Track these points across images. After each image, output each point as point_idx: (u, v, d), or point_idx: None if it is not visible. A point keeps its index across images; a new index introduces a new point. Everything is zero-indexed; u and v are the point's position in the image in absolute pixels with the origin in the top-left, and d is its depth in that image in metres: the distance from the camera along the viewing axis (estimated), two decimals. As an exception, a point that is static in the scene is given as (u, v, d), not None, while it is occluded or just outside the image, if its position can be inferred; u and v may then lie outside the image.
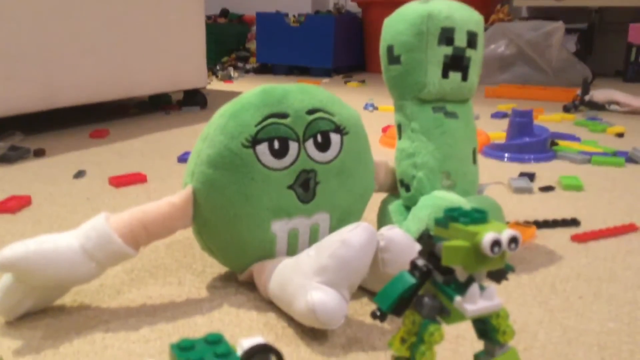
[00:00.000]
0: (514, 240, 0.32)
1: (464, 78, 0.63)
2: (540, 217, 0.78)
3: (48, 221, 0.77)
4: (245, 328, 0.51)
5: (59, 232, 0.51)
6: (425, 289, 0.36)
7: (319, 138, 0.55)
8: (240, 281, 0.58)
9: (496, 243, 0.32)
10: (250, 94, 0.55)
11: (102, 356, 0.46)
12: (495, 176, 1.01)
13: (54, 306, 0.54)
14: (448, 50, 0.62)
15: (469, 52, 0.63)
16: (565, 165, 1.09)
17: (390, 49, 0.64)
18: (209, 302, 0.55)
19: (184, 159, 1.10)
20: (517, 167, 1.07)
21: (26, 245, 0.48)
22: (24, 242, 0.48)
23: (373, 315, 0.36)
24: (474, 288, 0.34)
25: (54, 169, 1.05)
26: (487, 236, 0.32)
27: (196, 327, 0.51)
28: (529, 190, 0.92)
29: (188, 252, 0.67)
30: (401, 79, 0.63)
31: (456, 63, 0.63)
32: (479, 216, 0.34)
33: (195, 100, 1.77)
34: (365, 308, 0.54)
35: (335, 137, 0.56)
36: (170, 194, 0.55)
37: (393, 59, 0.63)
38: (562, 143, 1.22)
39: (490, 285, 0.35)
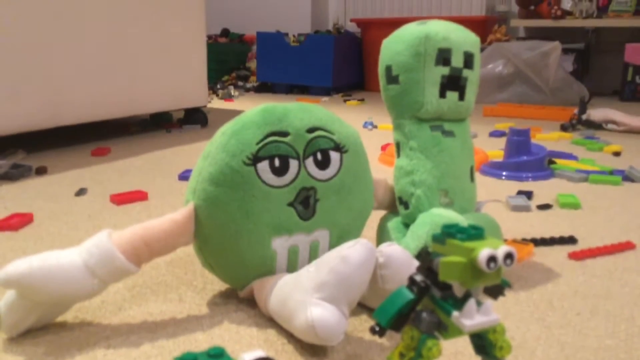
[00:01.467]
0: (509, 256, 0.33)
1: (461, 97, 0.64)
2: (538, 235, 0.79)
3: (50, 238, 0.78)
4: (245, 344, 0.51)
5: (61, 249, 0.51)
6: (423, 305, 0.37)
7: (319, 156, 0.56)
8: (241, 298, 0.59)
9: (492, 259, 0.32)
10: (251, 112, 0.57)
11: (103, 372, 0.47)
12: (493, 194, 1.01)
13: (55, 323, 0.54)
14: (445, 70, 0.63)
15: (466, 72, 0.64)
16: (562, 184, 1.10)
17: (388, 69, 0.65)
18: (210, 319, 0.56)
19: (185, 176, 1.11)
20: (515, 185, 1.08)
21: (30, 262, 0.49)
22: (27, 259, 0.49)
23: (372, 330, 0.37)
24: (471, 303, 0.35)
25: (56, 186, 1.05)
26: (483, 252, 0.32)
27: (197, 343, 0.51)
28: (526, 208, 0.92)
29: (189, 269, 0.67)
30: (399, 98, 0.64)
31: (453, 83, 0.64)
32: (475, 232, 0.35)
33: (196, 119, 1.79)
34: (364, 324, 0.54)
35: (334, 155, 0.57)
36: (171, 211, 0.56)
37: (391, 78, 0.65)
38: (560, 161, 1.23)
39: (487, 300, 0.36)
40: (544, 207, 0.93)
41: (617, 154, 1.38)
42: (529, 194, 0.99)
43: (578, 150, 1.44)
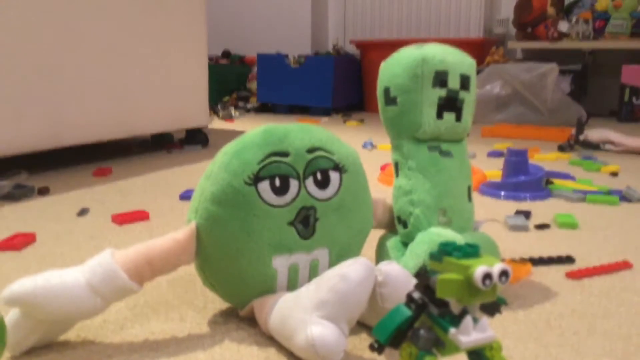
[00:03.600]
0: (504, 273, 0.34)
1: (458, 119, 0.66)
2: (536, 254, 0.79)
3: (52, 258, 0.79)
4: (246, 362, 0.52)
5: (64, 268, 0.52)
6: (421, 322, 0.37)
7: (319, 176, 0.57)
8: (241, 317, 0.59)
9: (487, 276, 0.33)
10: (252, 133, 0.58)
11: (105, 390, 0.47)
12: (492, 214, 1.02)
13: (58, 341, 0.55)
14: (442, 92, 0.64)
15: (462, 94, 0.65)
16: (560, 204, 1.11)
17: (387, 90, 0.66)
18: (211, 338, 0.56)
19: (186, 196, 1.12)
20: (513, 205, 1.09)
21: (34, 281, 0.49)
22: (31, 278, 0.50)
23: (371, 347, 0.38)
24: (468, 320, 0.35)
25: (58, 207, 1.06)
26: (479, 269, 0.33)
27: (198, 361, 0.52)
28: (524, 228, 0.93)
29: (190, 288, 0.68)
30: (398, 119, 0.66)
31: (450, 104, 0.65)
32: (471, 250, 0.35)
33: (197, 139, 1.80)
34: (363, 343, 0.55)
35: (334, 175, 0.58)
36: (172, 231, 0.56)
37: (390, 100, 0.66)
38: (558, 182, 1.24)
39: (484, 317, 0.36)
40: (542, 226, 0.94)
41: (614, 174, 1.40)
42: (527, 214, 1.00)
43: (576, 170, 1.45)
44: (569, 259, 0.77)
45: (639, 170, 1.47)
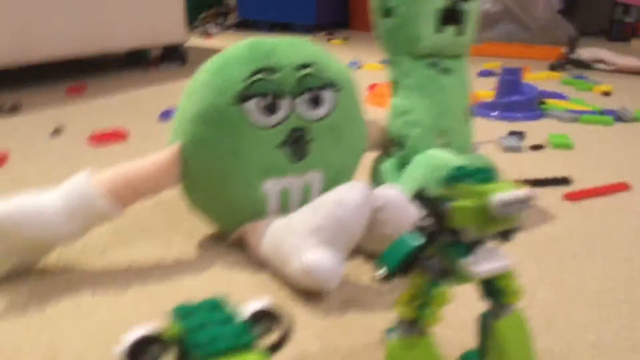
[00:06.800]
0: (525, 199, 0.31)
1: (460, 32, 0.61)
2: (531, 176, 0.77)
3: (25, 180, 0.74)
4: (237, 289, 0.49)
5: (38, 189, 0.48)
6: (429, 252, 0.35)
7: (310, 94, 0.53)
8: (231, 241, 0.56)
9: (506, 203, 0.30)
10: (236, 47, 0.53)
11: (90, 318, 0.45)
12: (484, 134, 0.99)
13: (37, 266, 0.52)
14: (443, 2, 0.59)
15: (465, 5, 0.60)
16: (554, 124, 1.09)
17: (383, 0, 0.61)
18: (199, 263, 0.54)
19: (165, 116, 1.07)
20: (506, 126, 1.06)
21: (5, 205, 0.46)
22: (4, 201, 0.46)
23: (377, 277, 0.35)
24: (480, 249, 0.33)
25: (30, 125, 1.00)
26: (497, 196, 0.30)
27: (186, 288, 0.49)
28: (519, 149, 0.91)
29: (175, 212, 0.65)
30: (395, 32, 0.61)
31: (451, 16, 0.60)
32: (486, 175, 0.32)
33: (174, 57, 1.72)
34: (359, 268, 0.53)
35: (327, 94, 0.54)
36: (151, 152, 0.52)
37: (386, 11, 0.61)
38: (550, 101, 1.21)
39: (498, 246, 0.34)
40: (537, 147, 0.91)
41: (606, 93, 1.37)
42: (520, 135, 0.97)
43: (567, 90, 1.42)
44: (565, 181, 0.75)
45: (630, 89, 1.45)
